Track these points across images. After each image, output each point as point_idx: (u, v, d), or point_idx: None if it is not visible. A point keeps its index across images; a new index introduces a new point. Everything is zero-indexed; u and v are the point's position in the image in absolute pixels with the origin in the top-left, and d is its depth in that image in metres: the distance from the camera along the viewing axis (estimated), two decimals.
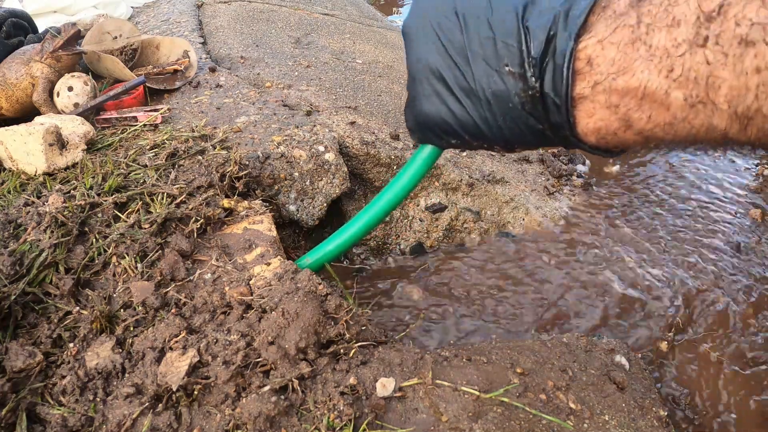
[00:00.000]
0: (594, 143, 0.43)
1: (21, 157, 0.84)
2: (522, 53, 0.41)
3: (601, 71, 0.39)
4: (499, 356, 0.65)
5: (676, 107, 0.36)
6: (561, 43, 0.40)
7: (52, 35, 1.02)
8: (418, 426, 0.55)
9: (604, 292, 0.93)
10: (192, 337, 0.59)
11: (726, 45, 0.33)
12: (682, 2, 0.35)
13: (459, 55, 0.45)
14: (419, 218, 1.07)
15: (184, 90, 1.14)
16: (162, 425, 0.54)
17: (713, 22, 0.33)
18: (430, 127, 0.51)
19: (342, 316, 0.60)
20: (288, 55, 1.42)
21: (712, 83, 0.34)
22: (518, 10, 0.42)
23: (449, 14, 0.46)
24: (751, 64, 0.32)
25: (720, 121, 0.35)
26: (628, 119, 0.39)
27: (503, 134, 0.46)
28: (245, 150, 0.90)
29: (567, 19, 0.40)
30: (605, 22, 0.39)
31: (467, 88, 0.45)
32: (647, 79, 0.36)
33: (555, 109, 0.41)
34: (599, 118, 0.40)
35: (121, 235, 0.71)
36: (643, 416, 0.63)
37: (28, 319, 0.63)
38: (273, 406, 0.53)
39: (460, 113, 0.47)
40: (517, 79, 0.42)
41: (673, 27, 0.35)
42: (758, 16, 0.32)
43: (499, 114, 0.44)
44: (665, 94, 0.36)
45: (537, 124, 0.43)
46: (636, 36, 0.37)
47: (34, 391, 0.57)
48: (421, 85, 0.49)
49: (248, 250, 0.73)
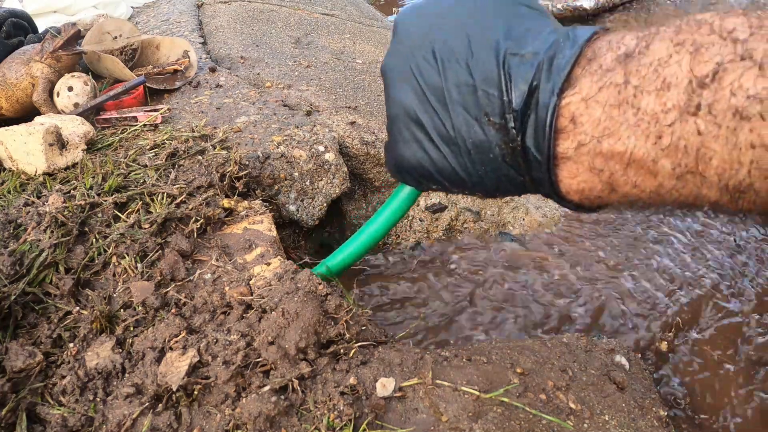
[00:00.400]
0: (577, 202, 0.41)
1: (21, 157, 0.84)
2: (503, 104, 0.39)
3: (585, 131, 0.36)
4: (499, 356, 0.65)
5: (663, 176, 0.34)
6: (544, 97, 0.37)
7: (52, 35, 1.02)
8: (418, 426, 0.55)
9: (605, 292, 0.93)
10: (192, 337, 0.59)
11: (719, 116, 0.31)
12: (673, 63, 0.32)
13: (438, 101, 0.43)
14: (419, 218, 1.07)
15: (184, 90, 1.14)
16: (162, 425, 0.54)
17: (706, 89, 0.31)
18: (409, 171, 0.48)
19: (342, 316, 0.60)
20: (288, 55, 1.42)
21: (703, 155, 0.32)
22: (499, 54, 0.39)
23: (428, 56, 0.43)
24: (746, 139, 0.30)
25: (709, 192, 0.33)
26: (613, 183, 0.37)
27: (484, 183, 0.44)
28: (245, 150, 0.90)
29: (551, 69, 0.37)
30: (591, 78, 0.36)
31: (446, 136, 0.43)
32: (634, 145, 0.34)
33: (537, 165, 0.39)
34: (583, 180, 0.38)
35: (121, 235, 0.71)
36: (643, 416, 0.63)
37: (28, 319, 0.63)
38: (273, 406, 0.53)
39: (440, 160, 0.44)
40: (498, 130, 0.39)
41: (663, 91, 0.33)
42: (756, 87, 0.29)
43: (480, 164, 0.42)
44: (653, 162, 0.34)
45: (518, 176, 0.41)
46: (623, 98, 0.34)
47: (34, 391, 0.57)
48: (400, 129, 0.46)
49: (248, 250, 0.73)
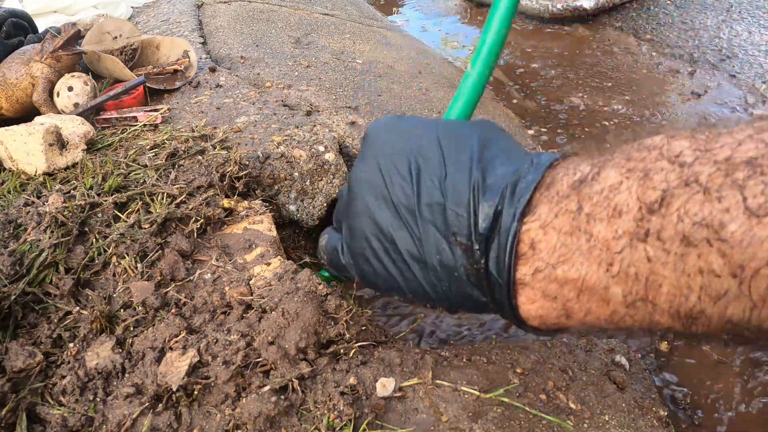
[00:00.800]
0: (537, 327, 0.41)
1: (21, 157, 0.84)
2: (470, 226, 0.39)
3: (542, 258, 0.37)
4: (499, 356, 0.65)
5: (615, 303, 0.34)
6: (506, 221, 0.38)
7: (52, 35, 1.02)
8: (418, 426, 0.55)
9: None
10: (192, 337, 0.59)
11: (668, 242, 0.30)
12: (623, 190, 0.32)
13: (410, 218, 0.43)
14: None
15: (184, 90, 1.14)
16: (162, 425, 0.54)
17: (655, 215, 0.31)
18: (374, 282, 0.49)
19: (342, 316, 0.60)
20: (288, 55, 1.42)
21: (653, 282, 0.32)
22: (471, 175, 0.40)
23: (403, 170, 0.43)
24: (694, 265, 0.29)
25: (661, 318, 0.33)
26: (568, 310, 0.37)
27: (449, 299, 0.44)
28: (245, 150, 0.90)
29: (513, 194, 0.38)
30: (548, 205, 0.37)
31: (415, 253, 0.43)
32: (586, 272, 0.34)
33: (498, 288, 0.39)
34: (540, 306, 0.38)
35: (121, 235, 0.71)
36: (643, 416, 0.63)
37: (28, 319, 0.63)
38: (273, 406, 0.53)
39: (408, 276, 0.44)
40: (465, 251, 0.40)
41: (614, 218, 0.33)
42: (702, 212, 0.29)
43: (446, 281, 0.42)
44: (604, 290, 0.34)
45: (481, 296, 0.41)
46: (576, 224, 0.35)
47: (34, 391, 0.57)
48: (369, 243, 0.46)
49: (248, 250, 0.73)
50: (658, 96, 1.62)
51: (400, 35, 1.93)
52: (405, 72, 1.51)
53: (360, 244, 0.47)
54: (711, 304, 0.30)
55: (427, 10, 2.52)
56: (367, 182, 0.46)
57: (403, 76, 1.47)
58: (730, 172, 0.28)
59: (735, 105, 1.57)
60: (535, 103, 1.59)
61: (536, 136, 1.41)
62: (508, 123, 1.43)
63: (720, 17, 2.01)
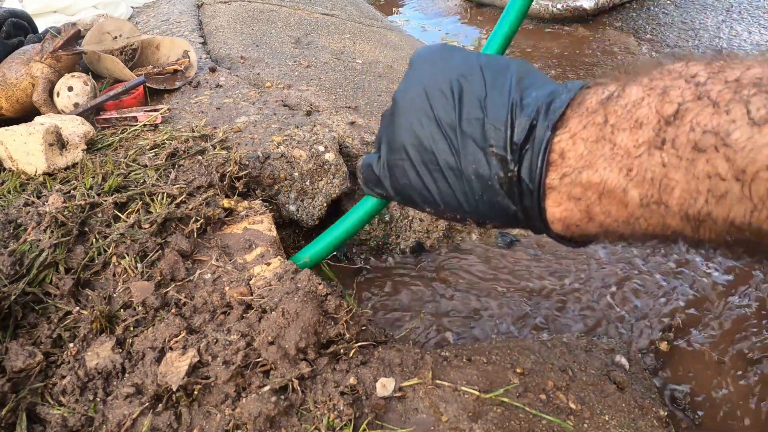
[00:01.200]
0: (560, 231, 0.44)
1: (21, 157, 0.84)
2: (506, 138, 0.43)
3: (570, 164, 0.41)
4: (499, 356, 0.65)
5: (633, 205, 0.38)
6: (540, 133, 0.42)
7: (52, 35, 1.02)
8: (418, 426, 0.55)
9: (605, 291, 0.93)
10: (192, 337, 0.59)
11: (680, 149, 0.34)
12: (644, 105, 0.37)
13: (450, 132, 0.47)
14: (419, 218, 1.07)
15: (184, 90, 1.14)
16: (162, 425, 0.54)
17: (671, 126, 0.35)
18: (408, 193, 0.52)
19: (342, 316, 0.60)
20: (288, 55, 1.42)
21: (666, 185, 0.35)
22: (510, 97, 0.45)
23: (446, 90, 0.48)
24: (702, 170, 0.33)
25: (673, 221, 0.36)
26: (590, 212, 0.41)
27: (479, 210, 0.47)
28: (245, 150, 0.90)
29: (548, 111, 0.42)
30: (578, 119, 0.41)
31: (452, 164, 0.47)
32: (608, 177, 0.38)
33: (528, 194, 0.43)
34: (564, 208, 0.42)
35: (121, 235, 0.71)
36: (643, 416, 0.63)
37: (28, 319, 0.63)
38: (273, 406, 0.53)
39: (444, 187, 0.48)
40: (500, 161, 0.44)
41: (636, 128, 0.37)
42: (711, 123, 0.33)
43: (479, 191, 0.46)
44: (623, 192, 0.38)
45: (511, 205, 0.45)
46: (602, 134, 0.39)
47: (34, 391, 0.57)
48: (407, 153, 0.50)
49: (248, 250, 0.73)
50: None
51: (400, 35, 1.93)
52: (405, 72, 1.51)
53: (399, 155, 0.51)
54: (716, 206, 0.33)
55: (427, 10, 2.52)
56: (411, 100, 0.50)
57: (403, 76, 1.47)
58: (738, 89, 0.32)
59: None
60: None
61: None
62: None
63: (720, 17, 2.01)
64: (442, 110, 0.47)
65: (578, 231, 0.43)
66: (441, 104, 0.47)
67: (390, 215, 1.05)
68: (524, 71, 0.47)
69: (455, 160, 0.47)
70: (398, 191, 0.53)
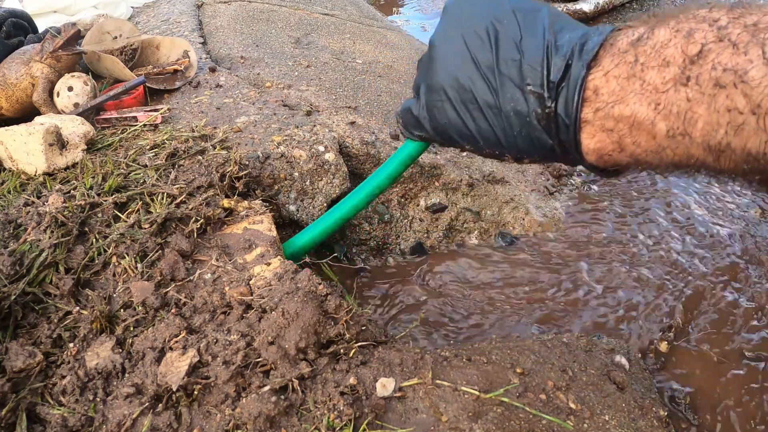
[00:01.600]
0: (594, 162, 0.48)
1: (21, 157, 0.84)
2: (543, 76, 0.47)
3: (603, 100, 0.44)
4: (499, 356, 0.65)
5: (660, 137, 0.42)
6: (575, 71, 0.45)
7: (52, 35, 1.02)
8: (418, 426, 0.55)
9: (605, 292, 0.93)
10: (192, 337, 0.59)
11: (703, 85, 0.38)
12: (671, 45, 0.41)
13: (488, 72, 0.50)
14: (419, 218, 1.07)
15: (184, 90, 1.14)
16: (162, 425, 0.54)
17: (695, 64, 0.39)
18: (448, 132, 0.55)
19: (342, 316, 0.60)
20: (288, 55, 1.42)
21: (690, 118, 0.39)
22: (544, 39, 0.48)
23: (482, 33, 0.51)
24: (723, 104, 0.37)
25: (696, 151, 0.41)
26: (621, 143, 0.45)
27: (517, 145, 0.51)
28: (245, 150, 0.90)
29: (582, 51, 0.46)
30: (610, 58, 0.44)
31: (491, 102, 0.50)
32: (638, 110, 0.42)
33: (564, 128, 0.47)
34: (598, 140, 0.46)
35: (121, 235, 0.71)
36: (643, 416, 0.63)
37: (28, 319, 0.63)
38: (273, 406, 0.53)
39: (482, 123, 0.52)
40: (537, 98, 0.47)
41: (663, 67, 0.41)
42: (731, 62, 0.37)
43: (517, 127, 0.50)
44: (652, 125, 0.42)
45: (548, 139, 0.49)
46: (632, 72, 0.43)
47: (34, 391, 0.57)
48: (446, 94, 0.53)
49: (248, 250, 0.73)
50: None
51: (400, 35, 1.93)
52: (405, 72, 1.51)
53: (438, 96, 0.54)
54: (735, 137, 0.38)
55: (427, 10, 2.52)
56: (448, 44, 0.53)
57: (403, 76, 1.47)
58: (755, 33, 0.36)
59: None
60: None
61: None
62: None
63: None
64: (479, 52, 0.50)
65: (611, 161, 0.47)
66: (478, 47, 0.50)
67: (390, 215, 1.05)
68: (554, 15, 0.50)
69: (494, 98, 0.50)
70: (438, 131, 0.57)
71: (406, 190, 1.07)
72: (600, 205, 1.14)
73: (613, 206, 1.14)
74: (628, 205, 1.14)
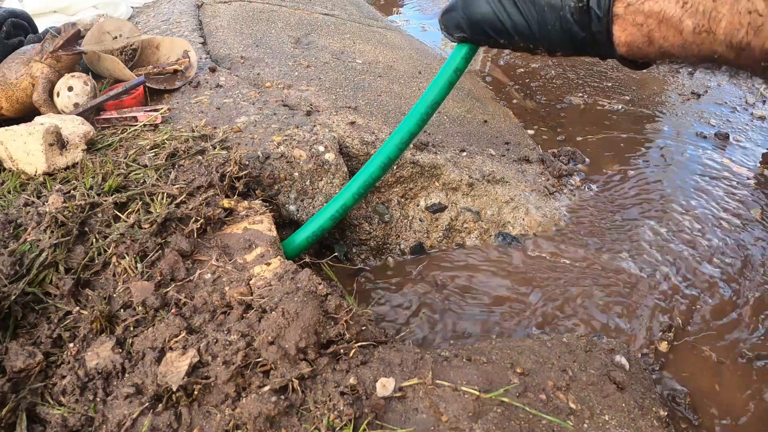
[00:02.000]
0: (624, 53, 0.53)
1: (21, 157, 0.84)
2: None
3: None
4: (499, 356, 0.65)
5: (687, 32, 0.47)
6: None
7: (52, 35, 1.02)
8: (418, 426, 0.55)
9: (605, 292, 0.93)
10: (192, 337, 0.59)
11: None
12: None
13: None
14: (419, 218, 1.07)
15: (184, 90, 1.14)
16: (162, 425, 0.54)
17: None
18: (483, 26, 0.61)
19: (342, 316, 0.60)
20: (288, 55, 1.42)
21: (714, 17, 0.44)
22: None
23: None
24: (744, 6, 0.42)
25: (719, 48, 0.45)
26: (650, 37, 0.50)
27: (550, 37, 0.56)
28: (245, 150, 0.90)
29: None
30: None
31: None
32: (666, 7, 0.47)
33: (597, 21, 0.52)
34: (629, 33, 0.51)
35: (121, 235, 0.71)
36: (643, 416, 0.63)
37: (28, 319, 0.63)
38: (273, 406, 0.53)
39: (516, 17, 0.57)
40: None
41: None
42: None
43: (551, 19, 0.55)
44: (679, 21, 0.47)
45: (580, 31, 0.54)
46: None
47: (34, 391, 0.57)
48: None
49: (248, 250, 0.73)
50: (657, 95, 1.62)
51: (400, 35, 1.93)
52: (405, 72, 1.51)
53: None
54: (755, 37, 0.43)
55: (427, 10, 2.52)
56: None
57: (403, 76, 1.47)
58: None
59: (735, 105, 1.57)
60: (535, 102, 1.59)
61: (536, 136, 1.41)
62: (508, 122, 1.43)
63: None
64: None
65: (640, 53, 0.52)
66: None
67: (390, 215, 1.05)
68: None
69: None
70: (474, 28, 0.62)
71: (406, 190, 1.07)
72: (601, 203, 1.14)
73: (614, 205, 1.14)
74: (630, 203, 1.15)
